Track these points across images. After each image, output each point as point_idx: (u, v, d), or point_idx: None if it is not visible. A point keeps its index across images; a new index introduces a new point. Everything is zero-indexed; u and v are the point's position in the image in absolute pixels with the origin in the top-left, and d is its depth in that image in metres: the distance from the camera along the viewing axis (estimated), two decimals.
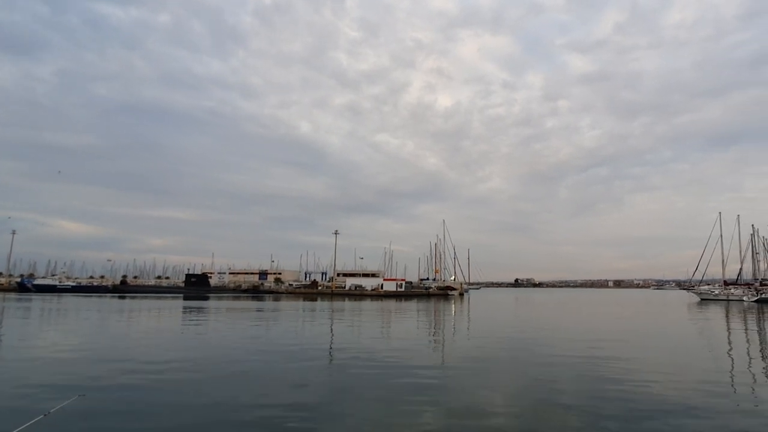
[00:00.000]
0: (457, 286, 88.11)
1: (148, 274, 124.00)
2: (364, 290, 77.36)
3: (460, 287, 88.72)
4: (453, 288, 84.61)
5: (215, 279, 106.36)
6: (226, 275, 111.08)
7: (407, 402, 8.39)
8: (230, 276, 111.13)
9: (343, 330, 22.13)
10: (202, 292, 77.10)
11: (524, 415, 7.76)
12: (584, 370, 11.75)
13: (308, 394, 8.99)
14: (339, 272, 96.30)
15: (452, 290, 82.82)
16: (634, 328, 24.88)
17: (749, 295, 60.14)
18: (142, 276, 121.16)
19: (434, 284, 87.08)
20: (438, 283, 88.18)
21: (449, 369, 12.24)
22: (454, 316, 32.03)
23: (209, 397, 8.56)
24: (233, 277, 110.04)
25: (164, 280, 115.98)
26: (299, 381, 10.14)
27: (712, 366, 12.89)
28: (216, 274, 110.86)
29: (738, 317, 32.55)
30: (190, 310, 36.28)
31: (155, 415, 7.52)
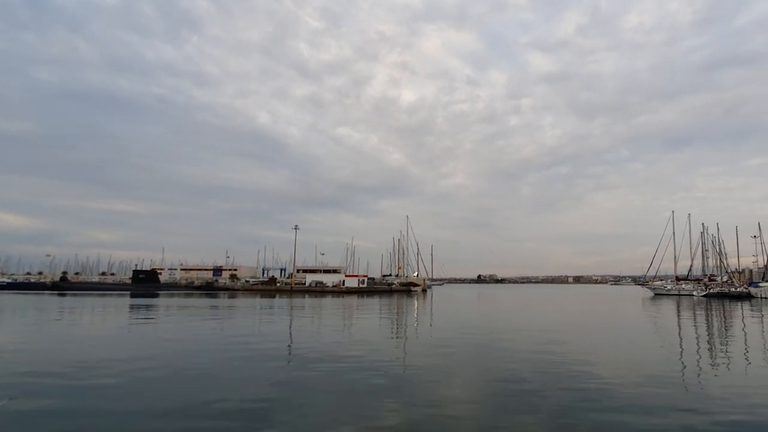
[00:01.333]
0: (420, 282, 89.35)
1: (91, 270, 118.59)
2: (325, 287, 76.95)
3: (423, 283, 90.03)
4: (416, 284, 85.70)
5: (165, 275, 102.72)
6: (177, 271, 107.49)
7: (368, 399, 8.41)
8: (182, 272, 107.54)
9: (302, 327, 21.91)
10: (151, 289, 74.09)
11: (485, 410, 7.97)
12: (544, 363, 12.22)
13: (266, 393, 8.82)
14: (299, 268, 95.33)
15: (415, 286, 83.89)
16: (591, 322, 26.15)
17: (699, 290, 64.61)
18: (84, 272, 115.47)
19: (397, 280, 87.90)
20: (401, 279, 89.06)
21: (411, 365, 12.38)
22: (416, 313, 32.44)
23: (156, 400, 8.22)
24: (185, 274, 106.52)
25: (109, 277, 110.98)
26: (256, 380, 9.93)
27: (662, 357, 13.74)
28: (166, 271, 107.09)
29: (688, 311, 34.90)
30: (138, 308, 34.77)
31: (93, 419, 7.15)
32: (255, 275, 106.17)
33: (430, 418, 7.37)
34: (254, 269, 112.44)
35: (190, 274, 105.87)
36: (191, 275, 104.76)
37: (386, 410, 7.77)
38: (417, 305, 41.52)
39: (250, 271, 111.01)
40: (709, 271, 71.93)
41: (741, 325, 23.92)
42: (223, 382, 9.81)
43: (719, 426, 6.97)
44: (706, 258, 72.36)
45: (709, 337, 18.97)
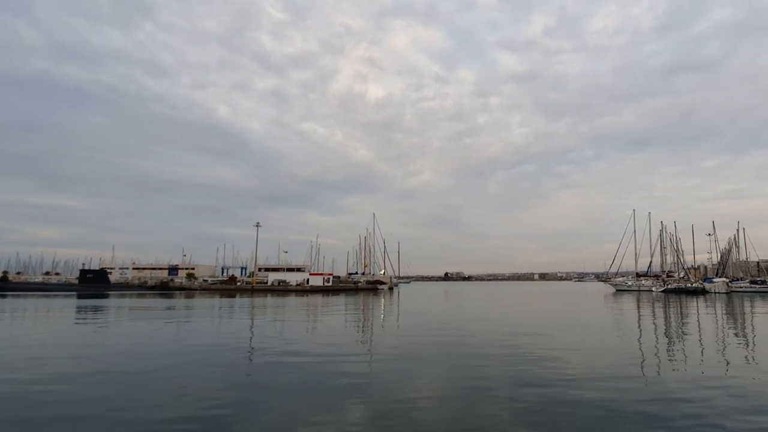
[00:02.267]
0: (387, 280, 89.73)
1: (34, 269, 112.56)
2: (289, 285, 75.96)
3: (390, 281, 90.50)
4: (382, 282, 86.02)
5: (116, 275, 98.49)
6: (129, 271, 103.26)
7: (333, 399, 8.34)
8: (134, 272, 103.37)
9: (264, 327, 21.51)
10: (100, 289, 70.76)
11: (451, 407, 8.07)
12: (509, 359, 12.53)
13: (226, 396, 8.58)
14: (261, 267, 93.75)
15: (382, 284, 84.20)
16: (556, 318, 27.03)
17: (657, 285, 68.20)
18: (26, 272, 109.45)
19: (363, 278, 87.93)
20: (367, 277, 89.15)
21: (378, 364, 12.37)
22: (383, 311, 32.54)
23: (104, 407, 7.83)
24: (138, 273, 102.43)
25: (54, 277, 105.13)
26: (216, 383, 9.65)
27: (622, 351, 14.36)
28: (117, 270, 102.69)
29: (647, 306, 36.69)
30: (85, 309, 33.15)
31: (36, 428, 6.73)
32: (214, 274, 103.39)
33: (396, 416, 7.37)
34: (213, 268, 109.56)
35: (143, 274, 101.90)
36: (144, 275, 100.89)
37: (352, 410, 7.73)
38: (383, 303, 41.65)
39: (209, 270, 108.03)
40: (668, 268, 75.97)
41: (696, 320, 25.34)
42: (179, 385, 9.46)
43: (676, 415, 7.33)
44: (665, 255, 76.51)
45: (667, 331, 20.00)
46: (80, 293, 61.51)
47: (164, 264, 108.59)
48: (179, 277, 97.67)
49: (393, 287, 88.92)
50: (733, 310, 31.81)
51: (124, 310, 31.81)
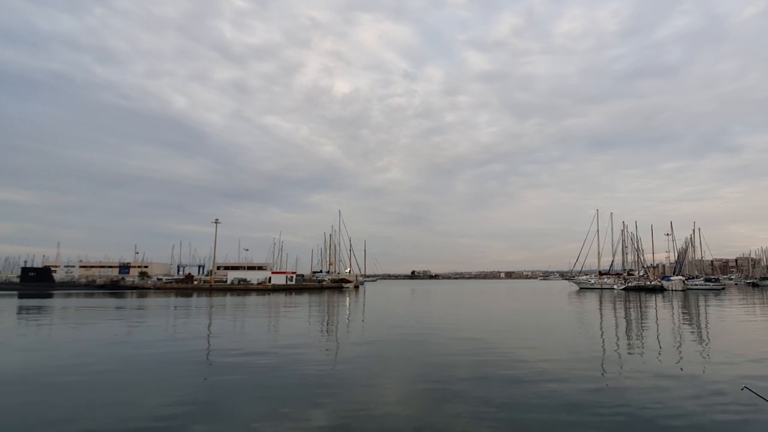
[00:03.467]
0: (353, 278, 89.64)
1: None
2: (249, 284, 74.59)
3: (356, 280, 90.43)
4: (348, 281, 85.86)
5: (61, 273, 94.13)
6: (75, 269, 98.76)
7: (296, 400, 8.25)
8: (81, 270, 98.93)
9: (222, 328, 21.02)
10: (43, 288, 67.26)
11: (417, 406, 8.13)
12: (476, 357, 12.82)
13: (182, 399, 8.31)
14: (220, 265, 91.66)
15: (347, 283, 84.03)
16: (521, 316, 27.78)
17: (619, 283, 71.14)
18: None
19: (328, 277, 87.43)
20: (332, 275, 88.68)
21: (342, 364, 12.32)
22: (348, 310, 32.46)
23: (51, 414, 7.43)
24: (85, 271, 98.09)
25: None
26: (171, 386, 9.34)
27: (584, 347, 14.92)
28: (62, 268, 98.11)
29: (608, 304, 38.23)
30: (28, 310, 31.38)
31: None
32: (169, 273, 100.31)
33: (360, 419, 7.35)
34: (168, 266, 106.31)
35: (91, 272, 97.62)
36: (93, 273, 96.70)
37: (315, 410, 7.65)
38: (349, 302, 41.56)
39: (163, 268, 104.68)
40: (629, 266, 79.45)
41: (654, 316, 26.61)
42: (131, 389, 9.10)
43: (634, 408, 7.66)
44: (626, 254, 80.00)
45: (627, 328, 20.92)
46: (22, 293, 58.35)
47: (115, 262, 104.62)
48: (131, 275, 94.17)
49: (359, 286, 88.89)
50: (688, 307, 33.62)
51: (69, 311, 30.33)
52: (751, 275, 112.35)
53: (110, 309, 32.34)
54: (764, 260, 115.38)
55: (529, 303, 41.21)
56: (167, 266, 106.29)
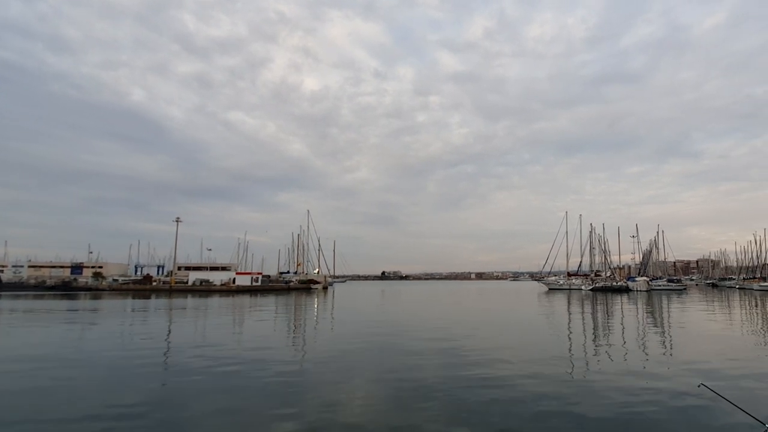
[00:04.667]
0: (321, 279, 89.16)
1: None
2: (212, 285, 73.03)
3: (324, 280, 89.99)
4: (316, 281, 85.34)
5: (9, 274, 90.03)
6: (24, 269, 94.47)
7: (261, 404, 8.17)
8: (30, 270, 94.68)
9: (183, 330, 20.51)
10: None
11: (385, 410, 8.19)
12: (446, 359, 13.00)
13: (140, 404, 8.09)
14: (181, 265, 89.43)
15: (315, 284, 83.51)
16: (492, 316, 28.31)
17: (586, 284, 73.46)
18: None
19: (296, 278, 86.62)
20: (300, 276, 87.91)
21: (309, 366, 12.25)
22: (316, 311, 32.25)
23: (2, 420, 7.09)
24: (35, 272, 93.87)
25: None
26: (125, 395, 9.06)
27: (552, 346, 15.39)
28: (10, 268, 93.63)
29: (576, 304, 39.41)
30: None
31: None
32: (126, 273, 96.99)
33: (328, 421, 7.35)
34: (125, 266, 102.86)
35: (41, 272, 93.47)
36: (43, 273, 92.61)
37: (281, 414, 7.59)
38: (317, 303, 41.30)
39: (120, 268, 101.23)
40: (596, 267, 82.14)
41: (620, 316, 27.64)
42: (82, 396, 8.79)
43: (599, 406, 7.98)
44: (593, 255, 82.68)
45: (594, 328, 21.65)
46: None
47: (66, 262, 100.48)
48: (84, 276, 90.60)
49: (327, 287, 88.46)
50: (652, 308, 35.04)
51: (17, 314, 28.94)
52: (710, 276, 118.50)
53: (62, 311, 31.04)
54: (723, 262, 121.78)
55: (499, 304, 42.00)
56: (124, 266, 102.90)
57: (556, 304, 40.81)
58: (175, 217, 78.41)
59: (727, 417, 7.14)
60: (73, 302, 42.26)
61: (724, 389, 8.16)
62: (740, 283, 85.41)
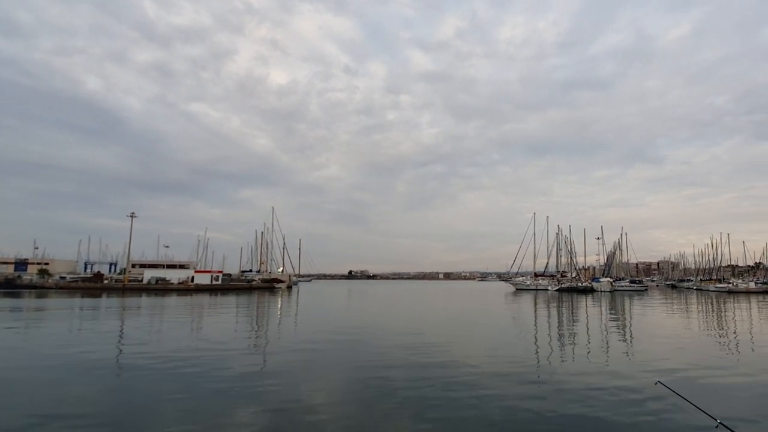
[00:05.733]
0: (285, 278, 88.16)
1: None
2: (169, 284, 71.05)
3: (289, 279, 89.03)
4: (280, 280, 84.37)
5: None
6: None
7: (219, 406, 8.02)
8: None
9: (137, 330, 19.87)
10: None
11: (348, 411, 8.21)
12: (411, 359, 13.11)
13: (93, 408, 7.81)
14: (135, 263, 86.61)
15: (279, 283, 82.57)
16: (459, 316, 28.76)
17: (552, 285, 75.55)
18: None
19: (259, 276, 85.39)
20: (263, 275, 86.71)
21: (270, 369, 12.13)
22: (279, 311, 31.90)
23: None
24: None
25: None
26: (72, 398, 8.72)
27: (518, 346, 15.77)
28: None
29: (542, 304, 40.50)
30: None
31: None
32: (75, 271, 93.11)
33: (291, 419, 7.31)
34: (73, 263, 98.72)
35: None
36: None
37: (241, 414, 7.49)
38: (280, 303, 40.84)
39: (68, 265, 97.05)
40: (562, 268, 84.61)
41: (584, 316, 28.58)
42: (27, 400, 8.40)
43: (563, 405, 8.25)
44: (560, 256, 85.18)
45: (559, 327, 22.33)
46: None
47: (10, 257, 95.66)
48: (29, 273, 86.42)
49: (292, 286, 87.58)
50: (615, 308, 36.42)
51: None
52: (670, 277, 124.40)
53: (3, 310, 29.52)
54: (682, 264, 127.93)
55: (467, 303, 42.67)
56: (72, 263, 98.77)
57: (522, 304, 41.79)
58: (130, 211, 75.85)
59: (682, 413, 7.51)
60: (17, 300, 40.29)
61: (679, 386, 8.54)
62: (698, 285, 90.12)
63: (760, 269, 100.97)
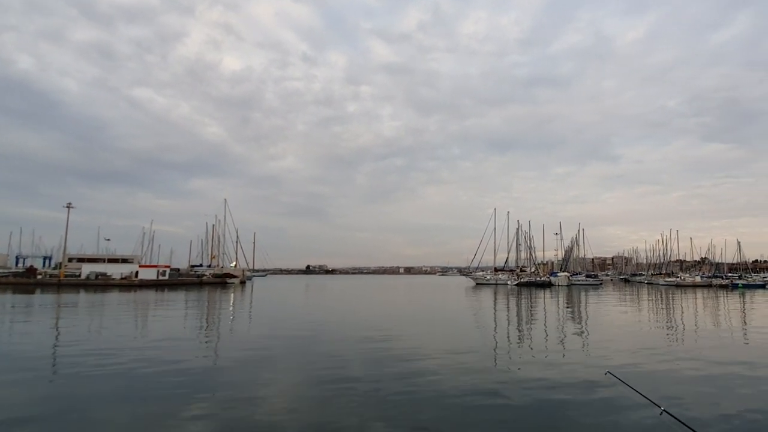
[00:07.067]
0: (239, 273, 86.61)
1: None
2: (110, 279, 68.27)
3: (243, 274, 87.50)
4: (233, 275, 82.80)
5: None
6: None
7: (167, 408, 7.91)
8: None
9: (72, 329, 19.04)
10: None
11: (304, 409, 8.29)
12: (370, 354, 13.33)
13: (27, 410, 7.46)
14: (73, 257, 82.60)
15: (232, 278, 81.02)
16: (419, 310, 29.20)
17: (512, 279, 77.80)
18: None
19: (209, 271, 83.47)
20: (215, 270, 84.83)
21: (222, 366, 11.99)
22: (232, 308, 31.35)
23: None
24: None
25: None
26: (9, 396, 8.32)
27: (477, 339, 16.29)
28: None
29: (502, 298, 41.70)
30: None
31: None
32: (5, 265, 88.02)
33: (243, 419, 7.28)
34: (3, 257, 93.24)
35: None
36: None
37: (190, 416, 7.39)
38: (233, 299, 40.10)
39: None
40: (521, 263, 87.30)
41: (542, 309, 29.68)
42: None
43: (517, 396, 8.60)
44: (520, 251, 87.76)
45: (518, 321, 23.12)
46: None
47: None
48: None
49: (245, 281, 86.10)
50: (571, 301, 38.04)
51: None
52: (623, 272, 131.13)
53: None
54: (635, 259, 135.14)
55: (427, 298, 43.35)
56: (3, 257, 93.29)
57: (482, 298, 42.85)
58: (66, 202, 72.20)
59: (629, 401, 7.98)
60: None
61: (627, 376, 9.09)
62: (649, 279, 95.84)
63: (706, 264, 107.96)
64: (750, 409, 7.88)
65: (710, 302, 37.73)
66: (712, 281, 79.86)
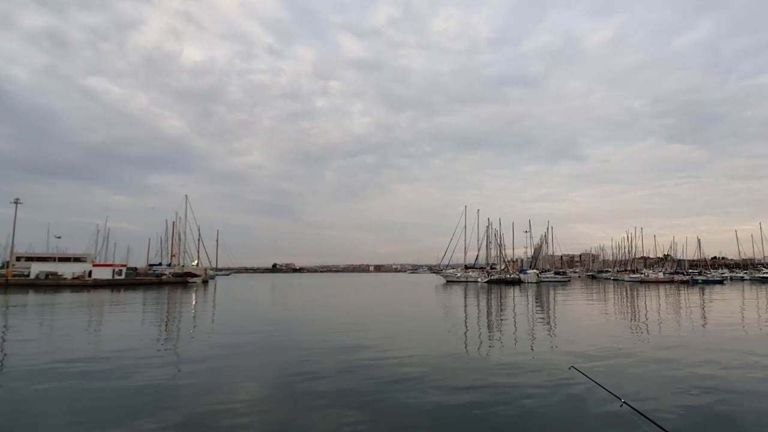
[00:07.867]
0: (201, 272, 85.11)
1: None
2: (62, 279, 65.93)
3: (205, 273, 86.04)
4: (195, 274, 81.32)
5: None
6: None
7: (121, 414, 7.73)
8: None
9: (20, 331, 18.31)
10: None
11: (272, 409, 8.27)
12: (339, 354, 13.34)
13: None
14: (21, 255, 79.39)
15: (194, 277, 79.57)
16: (389, 309, 29.34)
17: (482, 277, 79.16)
18: None
19: (170, 270, 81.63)
20: (175, 269, 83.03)
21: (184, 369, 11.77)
22: (194, 308, 30.77)
23: None
24: None
25: None
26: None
27: (448, 336, 16.51)
28: None
29: (472, 296, 42.37)
30: None
31: None
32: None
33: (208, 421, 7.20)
34: None
35: None
36: None
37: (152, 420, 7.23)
38: (195, 299, 39.36)
39: None
40: (492, 261, 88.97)
41: (512, 306, 30.32)
42: None
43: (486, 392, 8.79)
44: (490, 249, 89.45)
45: (488, 318, 23.55)
46: None
47: None
48: None
49: (208, 280, 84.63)
50: (540, 298, 38.99)
51: None
52: (591, 269, 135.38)
53: None
54: (602, 256, 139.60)
55: (397, 296, 43.68)
56: None
57: (453, 295, 43.43)
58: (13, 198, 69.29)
59: (591, 395, 8.27)
60: None
61: (590, 370, 9.42)
62: (614, 275, 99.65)
63: (668, 261, 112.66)
64: (708, 402, 8.27)
65: (672, 298, 39.34)
66: (674, 277, 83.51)
